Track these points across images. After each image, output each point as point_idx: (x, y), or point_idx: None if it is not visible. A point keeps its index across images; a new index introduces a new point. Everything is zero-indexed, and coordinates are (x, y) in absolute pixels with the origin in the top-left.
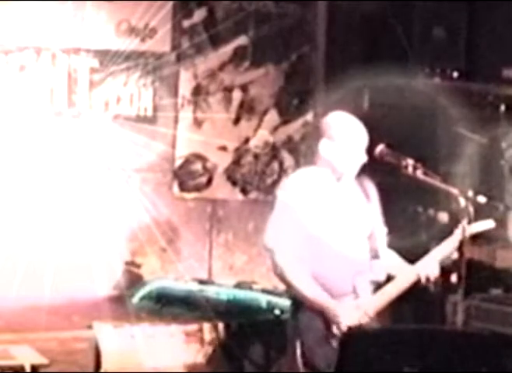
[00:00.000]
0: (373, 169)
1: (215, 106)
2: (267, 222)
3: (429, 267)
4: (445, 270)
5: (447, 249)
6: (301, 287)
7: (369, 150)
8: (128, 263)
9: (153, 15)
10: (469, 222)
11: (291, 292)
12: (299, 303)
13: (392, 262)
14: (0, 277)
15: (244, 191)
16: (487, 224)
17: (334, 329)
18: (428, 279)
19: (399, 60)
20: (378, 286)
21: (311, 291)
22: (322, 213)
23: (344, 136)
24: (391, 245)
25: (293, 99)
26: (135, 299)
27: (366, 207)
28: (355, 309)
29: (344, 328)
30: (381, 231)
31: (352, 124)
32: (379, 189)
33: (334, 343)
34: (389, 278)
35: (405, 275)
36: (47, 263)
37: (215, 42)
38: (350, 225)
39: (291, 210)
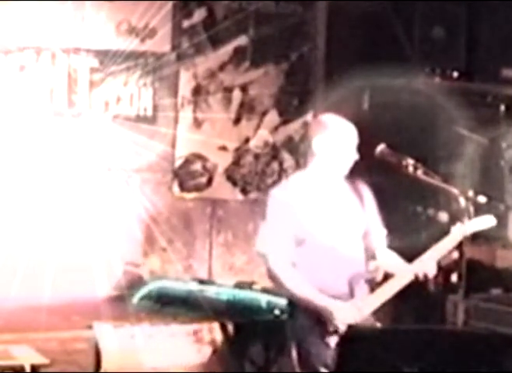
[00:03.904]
0: (372, 169)
1: (215, 106)
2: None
3: (426, 266)
4: (445, 270)
5: (444, 247)
6: (295, 288)
7: (370, 150)
8: (127, 263)
9: (153, 15)
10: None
11: (286, 294)
12: (294, 304)
13: (391, 261)
14: (0, 277)
15: (244, 191)
16: (487, 222)
17: (330, 328)
18: (426, 277)
19: (399, 60)
20: (375, 285)
21: (305, 292)
22: (314, 216)
23: (336, 133)
24: (390, 245)
25: (293, 99)
26: (135, 299)
27: (358, 207)
28: (350, 308)
29: (339, 326)
30: (379, 232)
31: (343, 123)
32: (379, 189)
33: (331, 342)
34: (386, 277)
35: (403, 274)
36: (47, 264)
37: (215, 42)
38: (343, 226)
39: (282, 215)
